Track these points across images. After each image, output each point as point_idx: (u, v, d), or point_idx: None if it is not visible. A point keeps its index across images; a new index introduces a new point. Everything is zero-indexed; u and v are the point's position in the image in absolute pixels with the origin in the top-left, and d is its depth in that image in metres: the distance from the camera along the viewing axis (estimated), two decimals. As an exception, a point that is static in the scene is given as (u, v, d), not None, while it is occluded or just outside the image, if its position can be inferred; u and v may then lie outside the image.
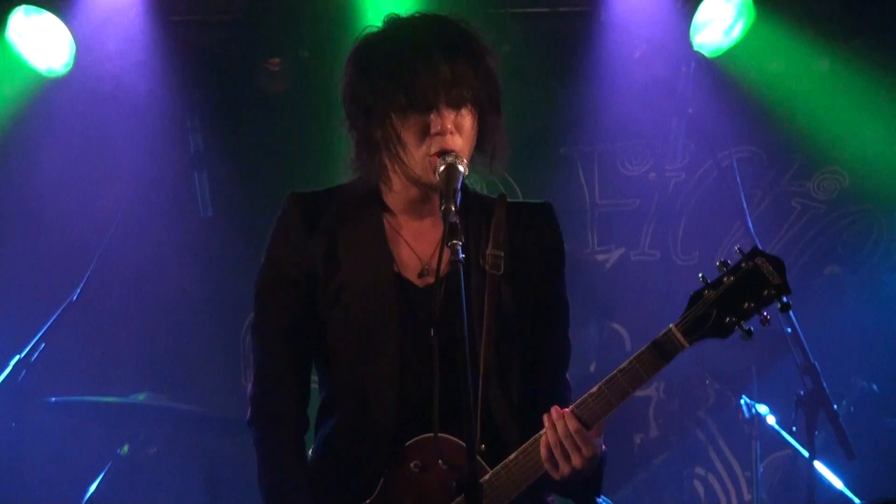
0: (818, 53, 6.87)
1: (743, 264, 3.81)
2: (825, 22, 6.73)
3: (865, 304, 7.18)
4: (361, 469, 3.97)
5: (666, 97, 7.01)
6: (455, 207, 3.69)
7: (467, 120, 3.83)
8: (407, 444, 3.89)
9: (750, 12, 6.46)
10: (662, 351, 3.78)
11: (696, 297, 3.83)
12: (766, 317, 3.78)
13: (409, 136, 3.86)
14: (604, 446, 3.84)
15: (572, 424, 3.77)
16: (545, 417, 3.80)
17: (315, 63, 6.80)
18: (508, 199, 4.10)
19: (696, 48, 6.60)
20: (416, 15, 4.07)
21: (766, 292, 3.79)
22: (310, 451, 4.08)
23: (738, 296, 3.83)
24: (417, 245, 4.05)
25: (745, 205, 6.31)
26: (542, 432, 3.84)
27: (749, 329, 3.77)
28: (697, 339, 3.79)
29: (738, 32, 6.56)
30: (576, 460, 3.76)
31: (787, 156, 7.33)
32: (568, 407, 3.86)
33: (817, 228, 7.35)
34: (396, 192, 4.00)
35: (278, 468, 4.06)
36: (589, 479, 3.88)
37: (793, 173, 7.35)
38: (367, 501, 3.92)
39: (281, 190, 3.95)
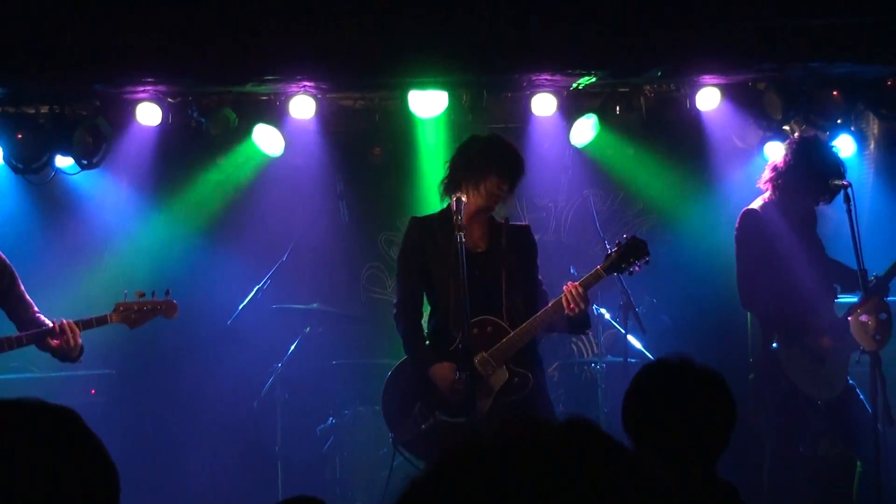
0: (629, 145, 7.14)
1: (629, 241, 4.19)
2: (632, 132, 6.96)
3: (652, 262, 7.39)
4: (450, 335, 4.28)
5: (558, 166, 7.34)
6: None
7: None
8: (473, 320, 4.10)
9: (598, 127, 6.75)
10: (595, 277, 4.14)
11: (608, 256, 4.17)
12: (638, 265, 4.17)
13: (486, 186, 4.19)
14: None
15: (580, 290, 4.08)
16: (564, 288, 4.08)
17: (398, 150, 7.09)
18: (510, 223, 4.38)
19: (573, 143, 6.92)
20: (503, 137, 4.48)
21: (638, 254, 4.15)
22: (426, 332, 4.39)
23: (627, 255, 4.16)
24: (471, 235, 4.27)
25: (595, 216, 6.75)
26: (536, 315, 4.15)
27: (632, 270, 4.13)
28: (609, 274, 4.15)
29: (592, 135, 6.84)
30: (583, 305, 4.08)
31: (614, 195, 7.57)
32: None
33: (630, 227, 7.56)
34: (463, 210, 4.16)
35: (412, 339, 4.34)
36: (583, 318, 4.20)
37: (617, 202, 7.60)
38: (454, 346, 4.24)
39: (380, 211, 4.20)
